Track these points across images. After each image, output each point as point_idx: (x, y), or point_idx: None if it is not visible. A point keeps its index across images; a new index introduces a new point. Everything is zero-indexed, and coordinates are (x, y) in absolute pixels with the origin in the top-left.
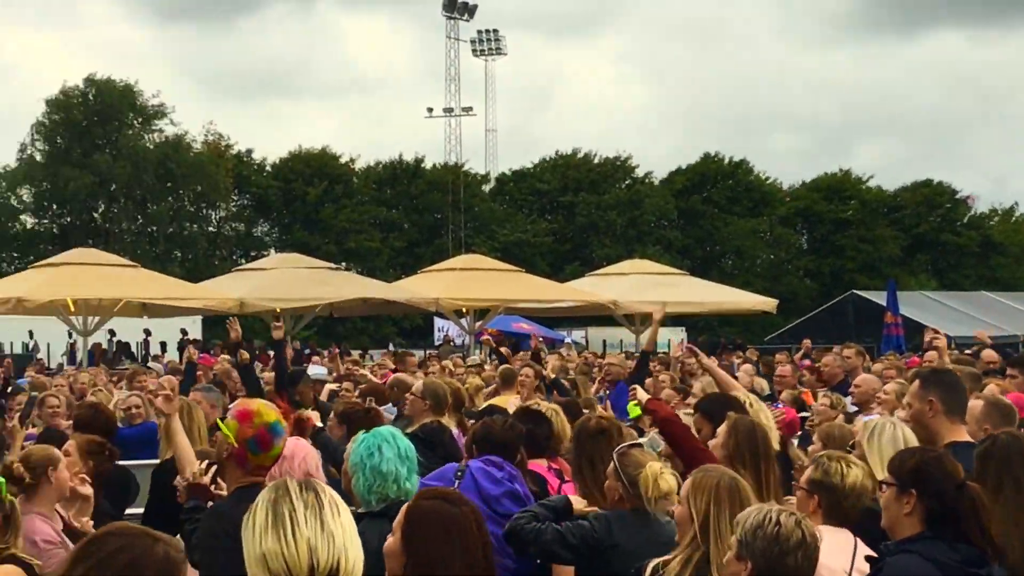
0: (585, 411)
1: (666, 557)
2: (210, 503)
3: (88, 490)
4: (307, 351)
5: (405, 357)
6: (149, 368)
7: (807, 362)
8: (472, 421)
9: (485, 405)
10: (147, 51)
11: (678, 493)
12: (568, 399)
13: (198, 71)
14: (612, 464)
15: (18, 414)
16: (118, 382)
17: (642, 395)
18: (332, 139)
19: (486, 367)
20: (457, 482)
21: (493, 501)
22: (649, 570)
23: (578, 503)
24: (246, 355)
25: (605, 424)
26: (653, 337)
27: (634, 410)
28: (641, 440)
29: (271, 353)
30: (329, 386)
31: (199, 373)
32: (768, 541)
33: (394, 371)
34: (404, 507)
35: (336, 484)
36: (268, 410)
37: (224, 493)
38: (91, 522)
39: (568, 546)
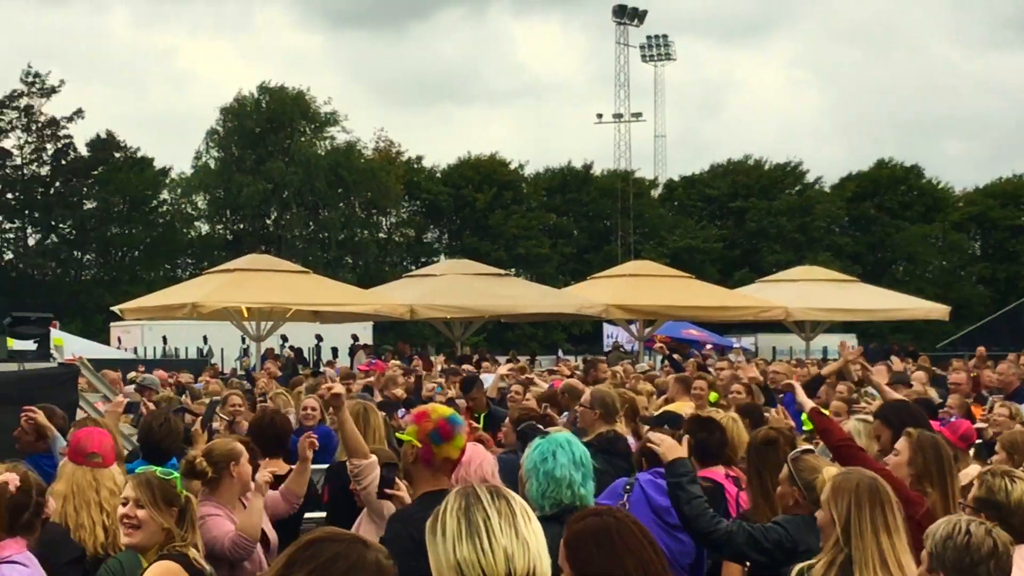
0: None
1: (811, 561)
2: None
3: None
4: (475, 357)
5: (596, 363)
6: (322, 373)
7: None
8: (647, 428)
9: (661, 411)
10: (320, 58)
11: None
12: (752, 405)
13: (370, 78)
14: (786, 470)
15: (199, 418)
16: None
17: (803, 399)
18: (502, 145)
19: (657, 373)
20: (626, 495)
21: (664, 512)
22: (795, 573)
23: None
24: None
25: (773, 435)
26: (835, 370)
27: (808, 423)
28: (810, 446)
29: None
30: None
31: (371, 379)
32: (959, 551)
33: (587, 380)
34: (563, 536)
35: None
36: (442, 407)
37: (404, 496)
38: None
39: (761, 549)
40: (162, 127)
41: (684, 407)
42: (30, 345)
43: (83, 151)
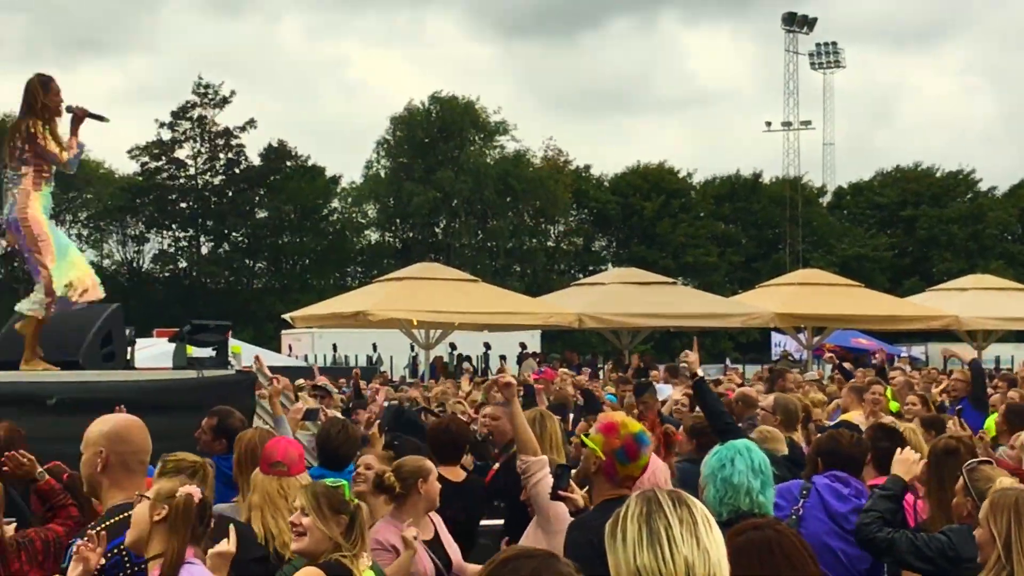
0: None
1: None
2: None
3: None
4: (643, 365)
5: (784, 373)
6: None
7: None
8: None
9: (838, 420)
10: (490, 68)
11: None
12: (933, 416)
13: (539, 87)
14: (961, 480)
15: (377, 422)
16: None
17: None
18: (670, 154)
19: (826, 382)
20: (803, 500)
21: (841, 518)
22: None
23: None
24: None
25: (954, 444)
26: None
27: (992, 430)
28: (988, 457)
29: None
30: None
31: (539, 388)
32: None
33: (774, 390)
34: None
35: None
36: (632, 421)
37: (577, 499)
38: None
39: (924, 557)
40: (333, 136)
41: (858, 416)
42: (209, 352)
43: (255, 160)
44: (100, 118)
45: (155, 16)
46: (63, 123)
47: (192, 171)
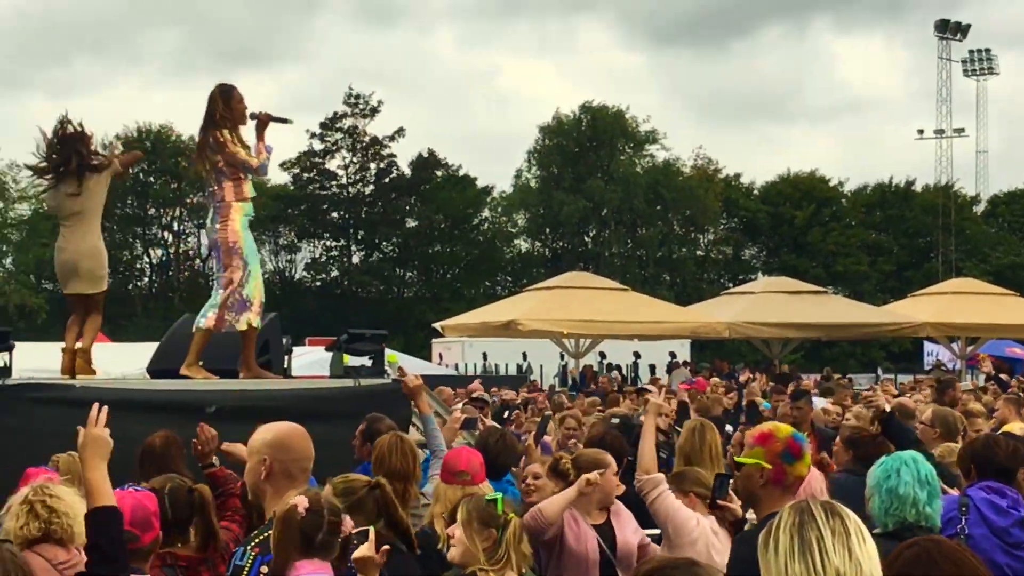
0: None
1: None
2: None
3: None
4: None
5: (953, 383)
6: (647, 389)
7: None
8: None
9: (1000, 432)
10: (641, 77)
11: None
12: None
13: (690, 95)
14: None
15: (532, 432)
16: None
17: None
18: (821, 162)
19: (984, 392)
20: (963, 518)
21: (1003, 533)
22: None
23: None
24: None
25: None
26: None
27: None
28: None
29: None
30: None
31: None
32: None
33: (941, 401)
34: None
35: None
36: (783, 424)
37: (736, 508)
38: None
39: None
40: (483, 146)
41: (1018, 428)
42: (365, 361)
43: (405, 170)
44: (284, 121)
45: (308, 26)
46: (248, 130)
47: (343, 181)
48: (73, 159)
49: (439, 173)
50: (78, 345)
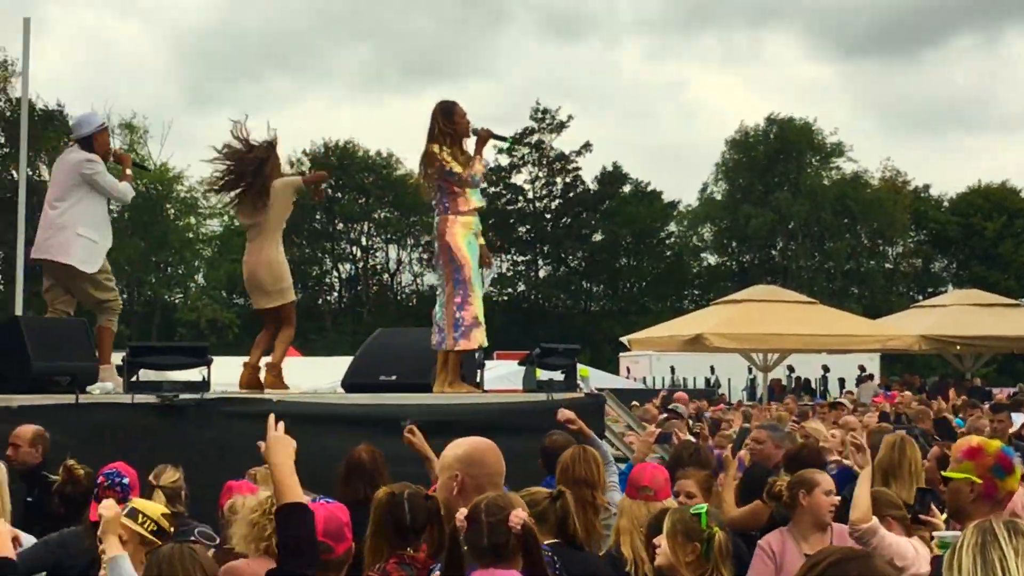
0: None
1: None
2: None
3: None
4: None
5: None
6: (841, 403)
7: None
8: None
9: None
10: (829, 88)
11: None
12: None
13: (878, 106)
14: None
15: (730, 445)
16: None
17: None
18: (1013, 173)
19: None
20: None
21: None
22: None
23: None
24: None
25: None
26: None
27: None
28: None
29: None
30: None
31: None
32: None
33: None
34: None
35: None
36: (992, 440)
37: (939, 524)
38: None
39: None
40: (669, 159)
41: None
42: (558, 375)
43: (591, 185)
44: (502, 138)
45: (495, 41)
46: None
47: (530, 195)
48: (250, 175)
49: (625, 188)
50: (267, 360)
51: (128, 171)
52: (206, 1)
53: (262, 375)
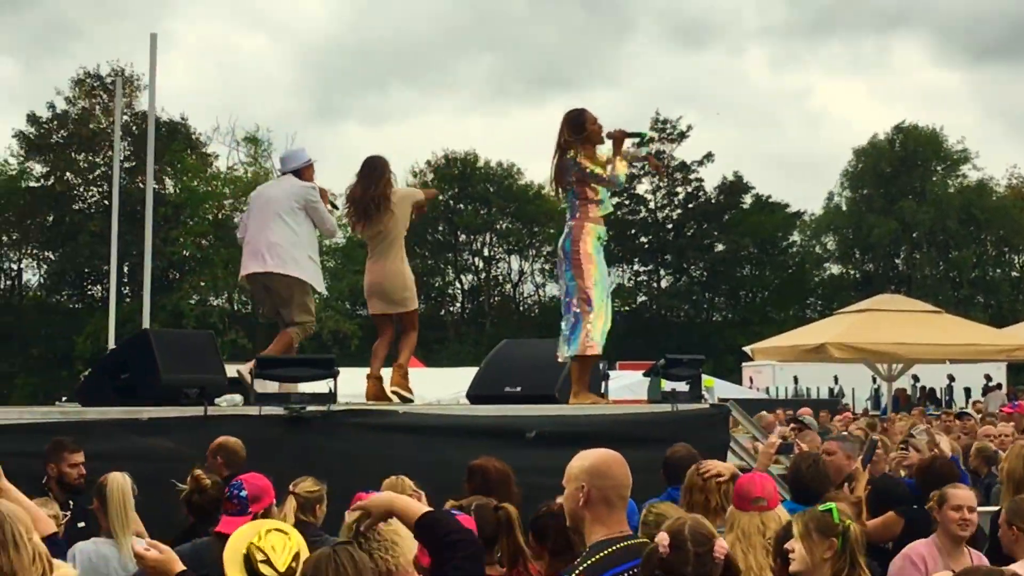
0: None
1: None
2: None
3: None
4: None
5: None
6: (968, 414)
7: None
8: None
9: None
10: (956, 95)
11: None
12: None
13: (1006, 113)
14: None
15: (860, 457)
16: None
17: None
18: None
19: None
20: None
21: None
22: None
23: None
24: None
25: None
26: None
27: None
28: None
29: None
30: None
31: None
32: None
33: None
34: None
35: None
36: None
37: None
38: None
39: None
40: (794, 167)
41: None
42: (683, 386)
43: (712, 195)
44: (639, 135)
45: (619, 50)
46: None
47: (652, 206)
48: (372, 192)
49: (746, 198)
50: (390, 364)
51: (328, 204)
52: (333, 13)
53: (386, 383)
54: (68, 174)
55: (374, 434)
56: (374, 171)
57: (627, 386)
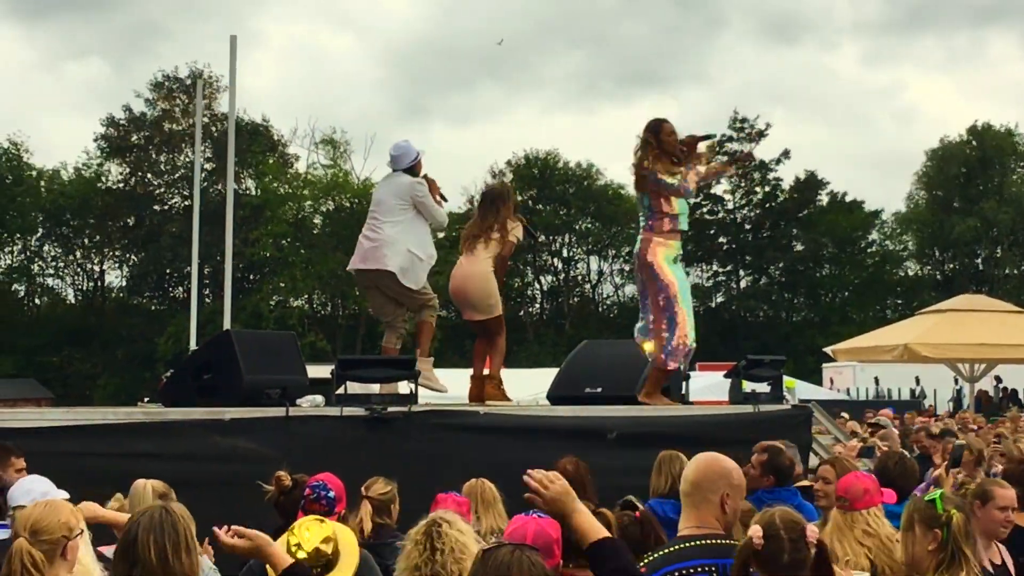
0: None
1: None
2: None
3: None
4: None
5: None
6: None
7: None
8: None
9: None
10: None
11: None
12: None
13: None
14: None
15: (944, 463)
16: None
17: None
18: None
19: None
20: None
21: None
22: None
23: None
24: None
25: None
26: None
27: None
28: None
29: None
30: None
31: None
32: None
33: None
34: None
35: None
36: None
37: None
38: None
39: None
40: (880, 164)
41: None
42: (764, 387)
43: (791, 193)
44: (708, 137)
45: (711, 47)
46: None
47: (730, 206)
48: (488, 222)
49: (824, 196)
50: (484, 372)
51: (437, 196)
52: (420, 12)
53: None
54: (148, 175)
55: (455, 435)
56: (490, 203)
57: (706, 387)
